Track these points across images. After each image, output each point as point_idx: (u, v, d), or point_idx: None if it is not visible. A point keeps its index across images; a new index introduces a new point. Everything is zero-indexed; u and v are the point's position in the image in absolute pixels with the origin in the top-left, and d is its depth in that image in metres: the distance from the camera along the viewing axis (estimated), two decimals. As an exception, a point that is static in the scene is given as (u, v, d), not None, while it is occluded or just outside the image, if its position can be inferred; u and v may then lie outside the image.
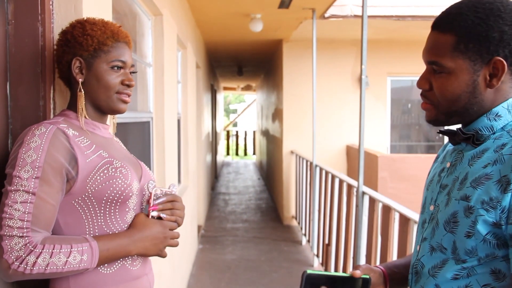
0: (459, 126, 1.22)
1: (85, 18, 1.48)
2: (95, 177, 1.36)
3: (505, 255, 1.06)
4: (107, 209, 1.39)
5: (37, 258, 1.23)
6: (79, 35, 1.43)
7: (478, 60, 1.10)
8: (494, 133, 1.14)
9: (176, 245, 1.49)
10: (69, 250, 1.27)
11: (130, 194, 1.42)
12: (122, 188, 1.39)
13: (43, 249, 1.25)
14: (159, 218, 1.47)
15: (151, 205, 1.46)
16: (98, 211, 1.38)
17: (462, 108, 1.15)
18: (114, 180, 1.38)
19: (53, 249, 1.26)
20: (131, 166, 1.47)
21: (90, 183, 1.35)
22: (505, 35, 1.08)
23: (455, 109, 1.15)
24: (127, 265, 1.42)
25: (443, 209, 1.16)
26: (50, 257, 1.25)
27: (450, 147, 1.29)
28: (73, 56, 1.43)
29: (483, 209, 1.06)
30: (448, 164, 1.23)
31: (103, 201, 1.37)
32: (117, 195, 1.38)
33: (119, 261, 1.40)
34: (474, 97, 1.13)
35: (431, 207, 1.23)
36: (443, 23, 1.14)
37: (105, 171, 1.37)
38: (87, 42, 1.42)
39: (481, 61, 1.10)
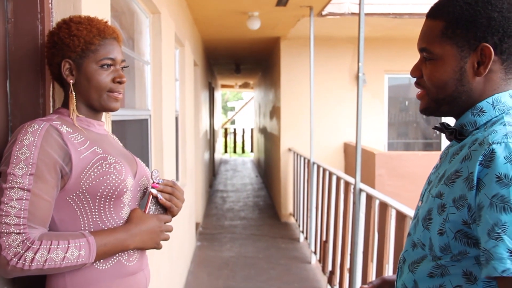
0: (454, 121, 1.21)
1: (70, 17, 1.47)
2: (89, 173, 1.37)
3: (477, 256, 1.03)
4: (102, 205, 1.40)
5: (35, 254, 1.24)
6: (66, 36, 1.42)
7: (466, 47, 1.09)
8: (477, 129, 1.11)
9: (167, 238, 1.51)
10: (66, 245, 1.28)
11: (125, 190, 1.43)
12: (116, 184, 1.40)
13: (40, 245, 1.26)
14: (156, 198, 1.48)
15: (153, 182, 1.49)
16: (92, 207, 1.39)
17: (450, 96, 1.13)
18: (108, 176, 1.39)
19: (51, 244, 1.27)
20: (125, 162, 1.48)
21: (84, 179, 1.36)
22: (493, 21, 1.06)
23: (442, 96, 1.14)
24: (123, 261, 1.43)
25: (424, 206, 1.16)
26: (48, 253, 1.26)
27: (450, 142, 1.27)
28: (62, 58, 1.43)
29: (454, 207, 1.04)
30: (439, 161, 1.23)
31: (97, 197, 1.38)
32: (111, 191, 1.39)
33: (115, 257, 1.41)
34: (462, 85, 1.11)
35: (419, 203, 1.23)
36: (434, 10, 1.14)
37: (99, 167, 1.38)
38: (74, 43, 1.41)
39: (468, 47, 1.08)
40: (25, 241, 1.25)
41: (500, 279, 0.95)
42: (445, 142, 8.17)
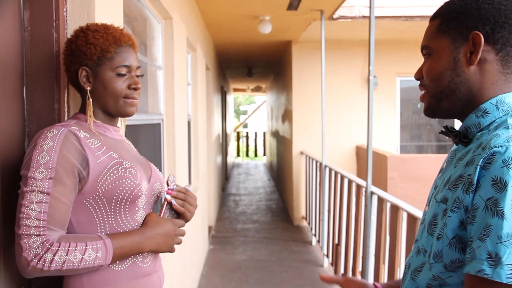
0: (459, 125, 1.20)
1: (87, 25, 1.52)
2: (105, 177, 1.41)
3: None
4: (117, 208, 1.44)
5: (54, 255, 1.29)
6: (83, 44, 1.46)
7: (458, 37, 1.11)
8: (481, 130, 1.11)
9: (180, 242, 1.56)
10: (84, 247, 1.32)
11: (139, 194, 1.47)
12: (131, 188, 1.44)
13: (59, 246, 1.30)
14: (170, 204, 1.53)
15: (168, 188, 1.54)
16: (108, 210, 1.43)
17: (447, 88, 1.13)
18: (124, 180, 1.42)
19: (69, 246, 1.31)
20: (140, 167, 1.52)
21: (101, 183, 1.40)
22: (483, 11, 1.08)
23: (440, 89, 1.14)
24: (138, 262, 1.47)
25: (429, 211, 1.15)
26: (66, 255, 1.30)
27: (455, 146, 1.25)
28: (79, 66, 1.47)
29: (450, 211, 1.04)
30: (445, 165, 1.23)
31: (113, 200, 1.42)
32: (127, 195, 1.43)
33: (130, 258, 1.45)
34: (457, 75, 1.12)
35: (426, 208, 1.21)
36: (434, 13, 1.19)
37: (115, 171, 1.42)
38: (91, 51, 1.45)
39: (461, 37, 1.11)
40: (45, 242, 1.29)
41: (473, 277, 0.97)
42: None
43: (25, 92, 1.59)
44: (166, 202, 1.53)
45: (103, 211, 1.42)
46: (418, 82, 1.25)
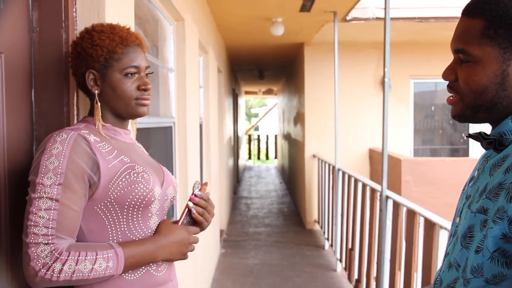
0: (488, 128, 1.13)
1: (92, 26, 1.46)
2: (117, 182, 1.36)
3: None
4: (130, 215, 1.39)
5: (63, 265, 1.23)
6: (88, 46, 1.41)
7: (509, 48, 0.99)
8: None
9: (193, 249, 1.51)
10: (94, 257, 1.27)
11: (152, 199, 1.41)
12: (144, 193, 1.38)
13: (68, 256, 1.24)
14: (190, 211, 1.49)
15: (192, 193, 1.51)
16: (120, 217, 1.38)
17: (489, 102, 1.03)
18: (136, 185, 1.37)
19: (79, 256, 1.25)
20: (153, 171, 1.47)
21: (112, 188, 1.35)
22: None
23: (481, 102, 1.03)
24: (152, 271, 1.42)
25: (463, 222, 1.06)
26: (76, 264, 1.24)
27: (485, 152, 1.15)
28: (86, 69, 1.42)
29: (492, 221, 0.95)
30: (476, 173, 1.13)
31: (125, 206, 1.37)
32: (139, 200, 1.38)
33: (144, 267, 1.40)
34: (503, 90, 1.01)
35: (457, 219, 1.13)
36: (473, 7, 1.04)
37: (127, 176, 1.37)
38: (97, 53, 1.40)
39: None
40: (54, 251, 1.24)
41: None
42: (472, 149, 8.02)
43: (34, 94, 1.55)
44: (187, 210, 1.49)
45: (115, 217, 1.37)
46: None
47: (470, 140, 8.04)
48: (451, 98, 1.11)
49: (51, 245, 1.24)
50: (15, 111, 1.44)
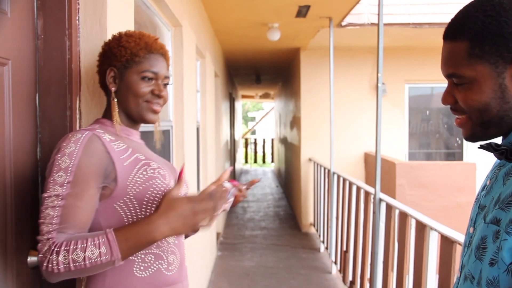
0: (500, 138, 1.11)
1: (125, 31, 1.54)
2: (135, 179, 1.39)
3: None
4: (148, 211, 1.40)
5: (58, 256, 1.24)
6: (114, 46, 1.49)
7: (500, 62, 0.98)
8: None
9: (207, 218, 1.36)
10: (85, 245, 1.25)
11: None
12: (162, 188, 1.41)
13: (61, 247, 1.25)
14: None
15: (233, 180, 1.65)
16: (139, 213, 1.40)
17: (495, 117, 1.02)
18: (154, 181, 1.41)
19: (71, 245, 1.25)
20: (167, 168, 1.51)
21: (131, 185, 1.38)
22: None
23: (488, 119, 1.02)
24: (163, 269, 1.43)
25: (477, 233, 1.03)
26: (69, 254, 1.25)
27: (497, 161, 1.12)
28: (108, 66, 1.50)
29: (506, 233, 0.92)
30: (488, 182, 1.09)
31: (144, 202, 1.39)
32: (158, 196, 1.40)
33: (154, 265, 1.41)
34: (506, 102, 1.00)
35: (471, 229, 1.10)
36: (452, 30, 1.04)
37: (144, 173, 1.40)
38: (121, 53, 1.47)
39: (503, 61, 0.98)
40: (51, 245, 1.27)
41: None
42: (467, 153, 8.10)
43: (38, 99, 1.61)
44: (232, 188, 1.62)
45: (133, 214, 1.39)
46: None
47: (465, 144, 8.11)
48: (459, 119, 1.10)
49: (50, 239, 1.27)
50: (20, 115, 1.51)
